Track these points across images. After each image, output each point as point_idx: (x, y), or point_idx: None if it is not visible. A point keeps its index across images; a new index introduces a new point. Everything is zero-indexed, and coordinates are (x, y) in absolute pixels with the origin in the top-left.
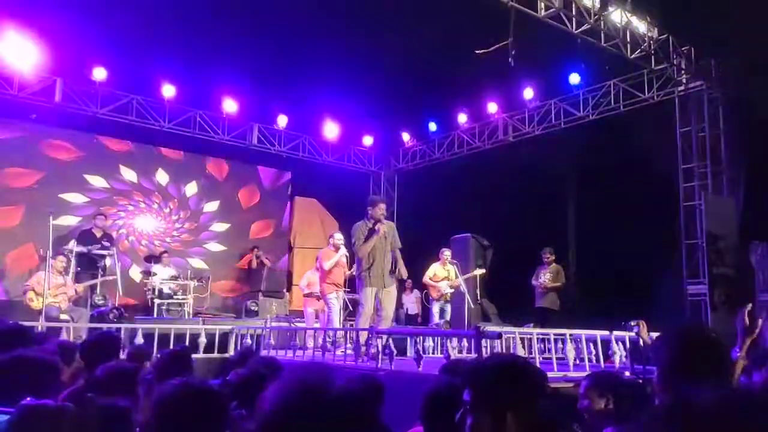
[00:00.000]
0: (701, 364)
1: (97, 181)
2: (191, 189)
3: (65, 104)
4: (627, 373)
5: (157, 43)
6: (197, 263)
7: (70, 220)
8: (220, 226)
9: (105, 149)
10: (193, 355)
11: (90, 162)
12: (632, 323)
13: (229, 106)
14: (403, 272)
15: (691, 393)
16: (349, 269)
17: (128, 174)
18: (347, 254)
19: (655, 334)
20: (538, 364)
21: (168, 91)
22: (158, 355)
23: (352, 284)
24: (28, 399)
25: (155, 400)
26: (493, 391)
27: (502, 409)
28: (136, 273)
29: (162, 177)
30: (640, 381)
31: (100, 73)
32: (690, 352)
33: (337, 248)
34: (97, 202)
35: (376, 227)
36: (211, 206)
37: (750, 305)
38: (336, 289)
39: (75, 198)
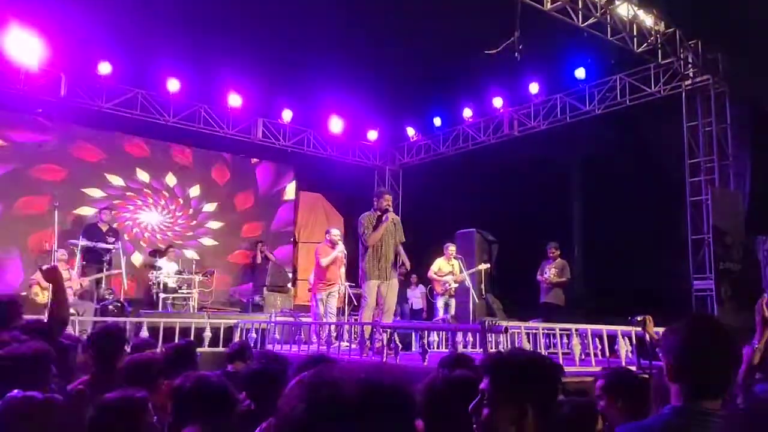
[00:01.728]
0: (714, 353)
1: (116, 180)
2: (194, 191)
3: (71, 99)
4: (633, 368)
5: (162, 37)
6: (190, 254)
7: (87, 210)
8: (214, 224)
9: (124, 152)
10: (198, 349)
11: (111, 163)
12: (638, 318)
13: (234, 100)
14: (407, 263)
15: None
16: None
17: (143, 176)
18: (345, 251)
19: (660, 330)
20: None
21: (173, 85)
22: (162, 349)
23: (356, 278)
24: (15, 391)
25: (172, 392)
26: (516, 385)
27: (523, 403)
28: (138, 259)
29: (171, 180)
30: (647, 376)
31: (105, 68)
32: (702, 341)
33: (333, 244)
34: (113, 197)
35: (384, 216)
36: (210, 207)
37: (766, 296)
38: (328, 288)
39: (94, 192)
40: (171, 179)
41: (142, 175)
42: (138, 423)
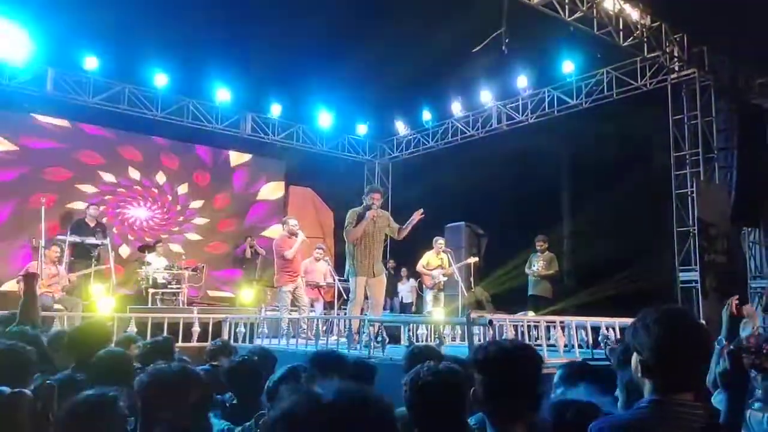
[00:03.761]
0: (687, 349)
1: (108, 178)
2: (183, 189)
3: (57, 94)
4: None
5: (149, 31)
6: (176, 248)
7: (80, 205)
8: (199, 221)
9: (120, 156)
10: (187, 344)
11: (107, 164)
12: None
13: (222, 95)
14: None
15: None
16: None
17: (134, 174)
18: (306, 239)
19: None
20: None
21: (160, 80)
22: (140, 345)
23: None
24: None
25: (138, 385)
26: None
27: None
28: (125, 252)
29: (161, 178)
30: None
31: (91, 63)
32: (675, 338)
33: (293, 234)
34: (104, 192)
35: (366, 213)
36: (196, 204)
37: (737, 297)
38: (295, 280)
39: (87, 188)
40: (161, 177)
41: (134, 173)
42: (106, 421)
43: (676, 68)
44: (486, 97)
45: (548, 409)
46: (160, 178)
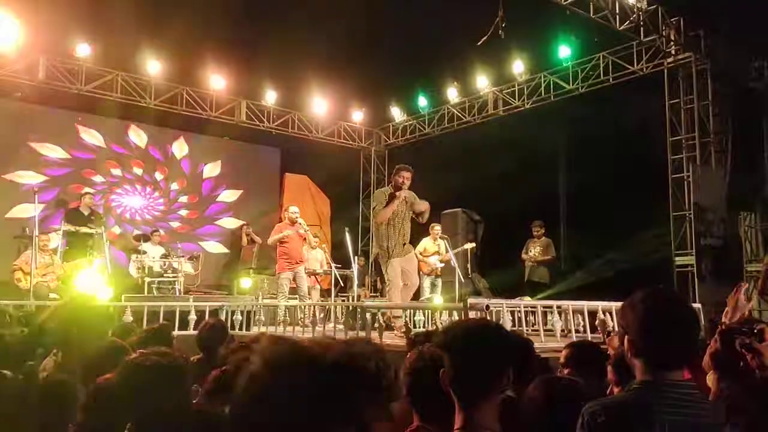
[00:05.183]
0: (673, 326)
1: (52, 151)
2: (180, 148)
3: (49, 82)
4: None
5: (142, 18)
6: (214, 247)
7: (26, 210)
8: (230, 194)
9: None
10: (183, 332)
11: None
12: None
13: (216, 82)
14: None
15: None
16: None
17: (91, 137)
18: (307, 228)
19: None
20: (525, 335)
21: (154, 67)
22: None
23: (342, 260)
24: None
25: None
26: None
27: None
28: (134, 269)
29: (137, 136)
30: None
31: (83, 50)
32: (660, 316)
33: (292, 222)
34: (59, 180)
35: (396, 193)
36: (213, 169)
37: (745, 284)
38: (294, 267)
39: (26, 178)
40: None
41: (92, 138)
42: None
43: (673, 52)
44: (482, 82)
45: (537, 385)
46: (138, 137)
